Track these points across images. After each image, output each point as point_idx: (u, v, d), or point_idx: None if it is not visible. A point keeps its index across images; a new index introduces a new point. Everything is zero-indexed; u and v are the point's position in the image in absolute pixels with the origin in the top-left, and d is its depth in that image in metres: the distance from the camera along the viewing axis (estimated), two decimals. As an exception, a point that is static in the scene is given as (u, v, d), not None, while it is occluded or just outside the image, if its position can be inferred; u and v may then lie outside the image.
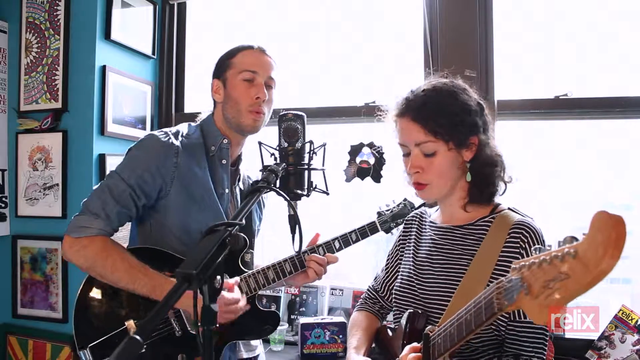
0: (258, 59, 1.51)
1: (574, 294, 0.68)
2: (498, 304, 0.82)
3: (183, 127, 1.54)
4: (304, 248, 1.55)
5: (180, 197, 1.44)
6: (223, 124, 1.53)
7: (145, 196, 1.42)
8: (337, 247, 1.59)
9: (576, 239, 0.69)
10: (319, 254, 1.56)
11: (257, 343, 1.67)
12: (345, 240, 1.60)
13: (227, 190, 1.53)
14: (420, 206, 1.54)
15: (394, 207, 1.65)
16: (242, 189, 1.64)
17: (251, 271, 1.51)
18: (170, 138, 1.45)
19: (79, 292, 1.43)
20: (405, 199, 1.67)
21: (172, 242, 1.45)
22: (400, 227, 1.53)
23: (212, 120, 1.56)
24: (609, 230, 0.63)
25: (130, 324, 1.38)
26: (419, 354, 1.03)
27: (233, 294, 1.37)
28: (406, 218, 1.46)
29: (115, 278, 1.35)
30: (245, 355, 1.61)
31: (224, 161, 1.52)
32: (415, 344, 1.07)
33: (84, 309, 1.42)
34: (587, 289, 0.66)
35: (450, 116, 1.18)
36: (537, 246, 0.77)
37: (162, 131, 1.49)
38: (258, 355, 1.67)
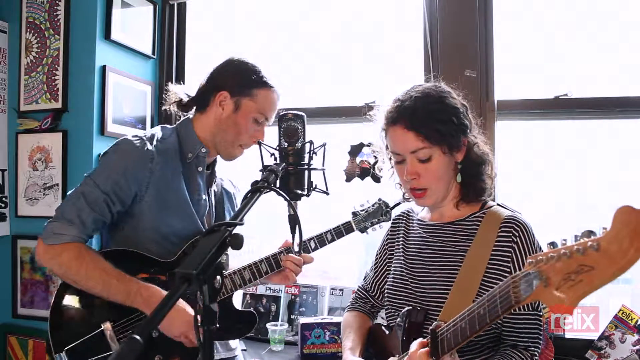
0: (274, 104, 1.52)
1: (599, 284, 0.70)
2: (515, 296, 0.84)
3: (157, 131, 1.51)
4: (278, 250, 1.57)
5: (154, 203, 1.43)
6: (208, 135, 1.51)
7: (120, 202, 1.41)
8: (312, 247, 1.59)
9: (594, 233, 0.72)
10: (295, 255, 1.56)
11: (235, 344, 1.67)
12: (321, 240, 1.60)
13: (204, 197, 1.53)
14: (395, 205, 1.61)
15: (369, 207, 1.66)
16: (216, 190, 1.63)
17: (227, 272, 1.50)
18: (145, 144, 1.43)
19: (55, 295, 1.43)
20: (379, 199, 1.68)
21: (147, 244, 1.44)
22: (377, 225, 1.62)
23: (192, 125, 1.53)
24: (634, 224, 0.65)
25: (107, 326, 1.38)
26: (427, 348, 1.04)
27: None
28: (393, 217, 1.50)
29: (90, 285, 1.34)
30: (223, 356, 1.60)
31: (199, 168, 1.52)
32: (422, 340, 1.08)
33: (60, 312, 1.41)
34: (612, 279, 0.69)
35: (442, 122, 1.20)
36: (551, 241, 0.80)
37: (136, 136, 1.47)
38: (236, 357, 1.66)
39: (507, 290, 0.86)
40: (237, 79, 1.49)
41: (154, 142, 1.45)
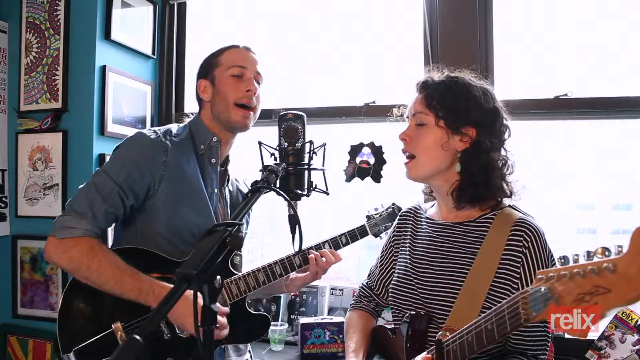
0: (245, 55, 1.54)
1: (614, 308, 0.67)
2: (525, 314, 0.80)
3: (172, 127, 1.53)
4: (293, 252, 1.55)
5: (169, 197, 1.41)
6: (212, 122, 1.53)
7: (133, 195, 1.38)
8: (327, 250, 1.58)
9: (608, 250, 0.68)
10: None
11: (245, 347, 1.65)
12: (335, 243, 1.60)
13: (216, 190, 1.52)
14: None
15: (383, 211, 1.66)
16: (232, 190, 1.63)
17: (241, 273, 1.49)
18: (159, 136, 1.43)
19: (63, 293, 1.38)
20: (393, 204, 1.67)
21: (160, 242, 1.42)
22: (389, 230, 1.51)
23: (200, 120, 1.55)
24: None
25: (118, 326, 1.35)
26: None
27: (220, 318, 1.31)
28: (400, 213, 1.43)
29: (101, 281, 1.30)
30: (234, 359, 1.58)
31: (213, 160, 1.51)
32: (427, 355, 1.06)
33: (69, 311, 1.37)
34: (632, 304, 0.65)
35: (453, 99, 1.20)
36: (563, 255, 0.75)
37: (151, 129, 1.47)
38: None
39: (516, 306, 0.82)
40: (204, 64, 1.57)
41: (168, 136, 1.46)
